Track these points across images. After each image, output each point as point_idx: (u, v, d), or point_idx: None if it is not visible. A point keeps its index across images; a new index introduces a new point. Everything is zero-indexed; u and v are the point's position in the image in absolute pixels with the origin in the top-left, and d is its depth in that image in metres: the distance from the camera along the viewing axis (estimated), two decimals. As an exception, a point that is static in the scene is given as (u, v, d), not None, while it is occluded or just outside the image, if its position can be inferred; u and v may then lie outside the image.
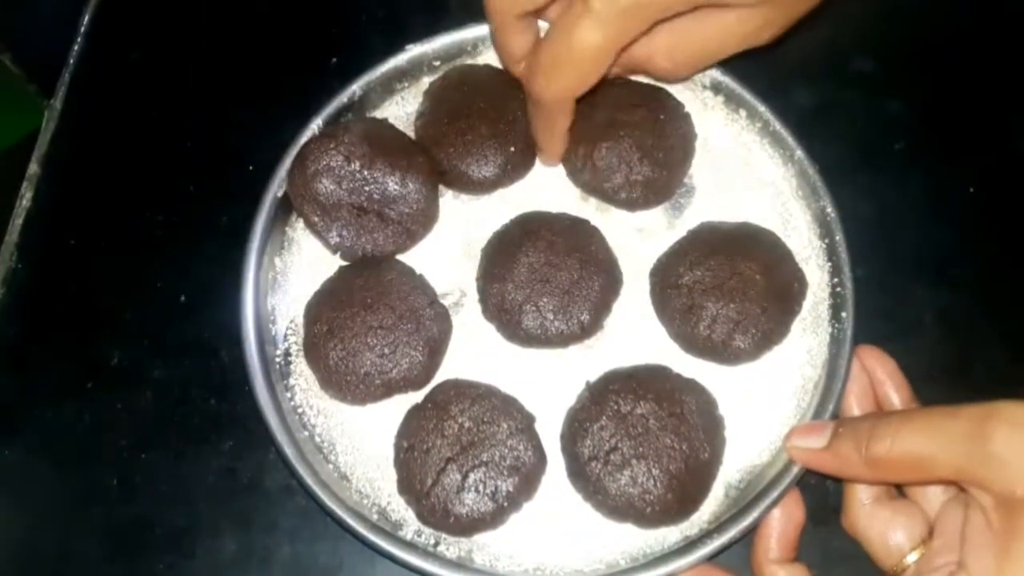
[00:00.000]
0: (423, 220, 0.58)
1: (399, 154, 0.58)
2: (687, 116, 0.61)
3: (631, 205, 0.60)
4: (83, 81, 0.68)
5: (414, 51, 0.63)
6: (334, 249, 0.57)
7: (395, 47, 0.62)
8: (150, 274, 0.61)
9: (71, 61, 0.69)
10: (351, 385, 0.53)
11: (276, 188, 0.58)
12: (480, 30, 0.63)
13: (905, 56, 0.68)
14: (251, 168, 0.63)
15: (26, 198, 0.64)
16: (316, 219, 0.57)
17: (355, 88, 0.61)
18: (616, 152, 0.58)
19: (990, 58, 0.68)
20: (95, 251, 0.63)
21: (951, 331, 0.59)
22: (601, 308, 0.56)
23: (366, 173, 0.57)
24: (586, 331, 0.55)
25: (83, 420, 0.57)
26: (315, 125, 0.60)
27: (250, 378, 0.53)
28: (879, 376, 0.53)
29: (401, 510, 0.53)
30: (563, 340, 0.55)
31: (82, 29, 0.70)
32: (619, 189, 0.59)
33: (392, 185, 0.57)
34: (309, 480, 0.51)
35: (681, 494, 0.51)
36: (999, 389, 0.57)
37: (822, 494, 0.54)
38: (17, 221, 0.63)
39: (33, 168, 0.65)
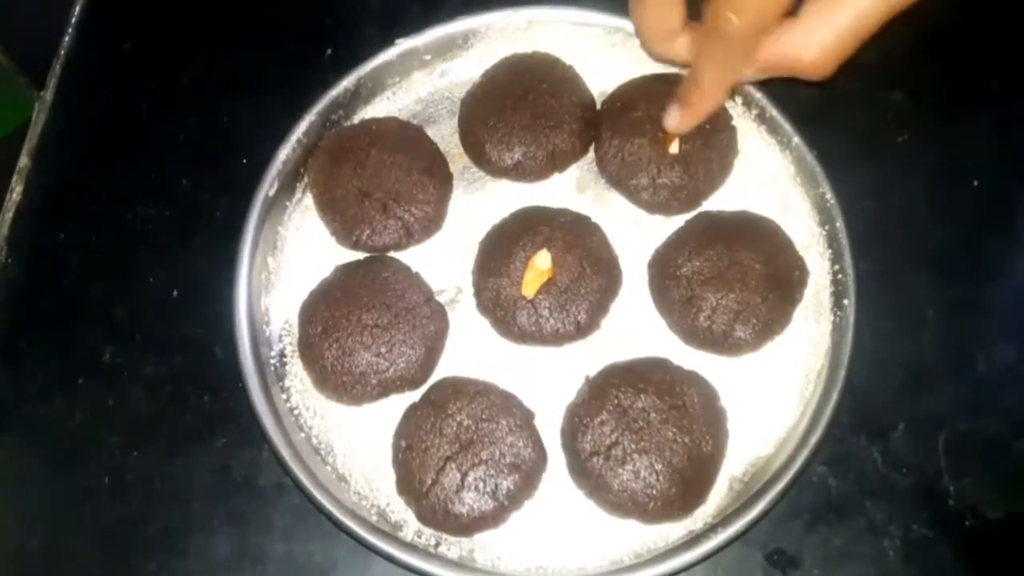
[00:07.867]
0: (427, 225, 0.54)
1: (422, 156, 0.54)
2: (732, 130, 0.55)
3: (652, 207, 0.55)
4: (74, 73, 0.63)
5: (404, 45, 0.58)
6: (332, 230, 0.54)
7: (390, 38, 0.57)
8: (142, 269, 0.57)
9: (62, 52, 0.64)
10: (347, 385, 0.49)
11: (267, 188, 0.54)
12: (470, 22, 0.58)
13: (908, 48, 0.62)
14: (245, 161, 0.58)
15: (16, 191, 0.59)
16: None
17: (346, 84, 0.56)
18: (648, 151, 0.53)
19: (991, 54, 0.63)
20: (86, 245, 0.58)
21: (954, 326, 0.54)
22: (599, 308, 0.51)
23: (385, 157, 0.54)
24: (582, 331, 0.51)
25: (74, 417, 0.53)
26: (307, 122, 0.55)
27: (245, 381, 0.49)
28: None
29: (400, 511, 0.49)
30: (558, 339, 0.51)
31: (73, 20, 0.65)
32: (643, 189, 0.54)
33: (407, 183, 0.53)
34: (306, 483, 0.47)
35: (684, 488, 0.46)
36: (1002, 384, 0.53)
37: (822, 493, 0.50)
38: (7, 215, 0.58)
39: (23, 161, 0.60)
